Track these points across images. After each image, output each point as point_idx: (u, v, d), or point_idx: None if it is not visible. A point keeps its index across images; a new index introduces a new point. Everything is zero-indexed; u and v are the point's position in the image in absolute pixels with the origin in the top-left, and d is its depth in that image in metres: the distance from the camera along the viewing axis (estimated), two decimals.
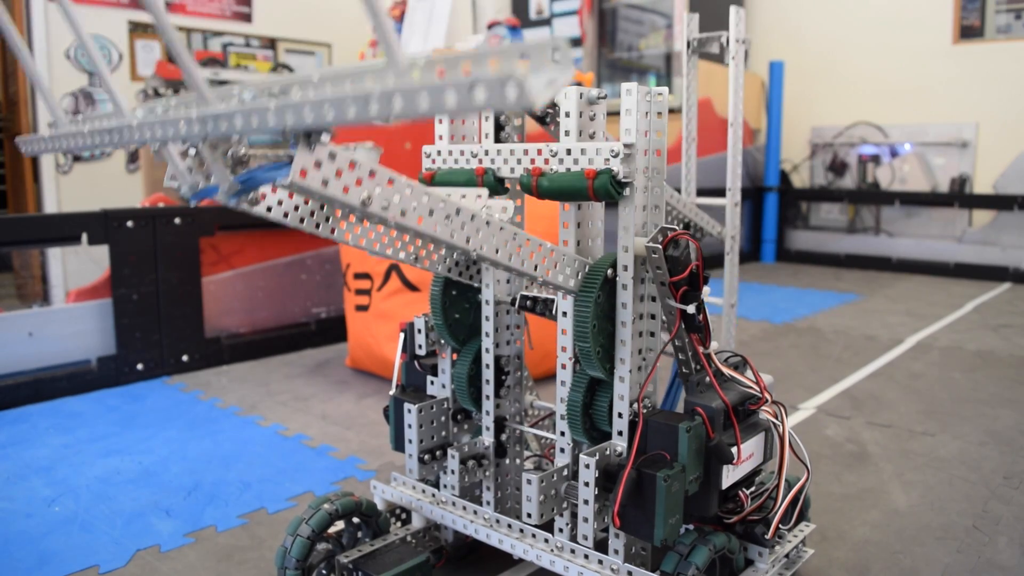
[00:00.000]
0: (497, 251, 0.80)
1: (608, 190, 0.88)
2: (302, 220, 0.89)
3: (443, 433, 1.13)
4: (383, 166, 0.68)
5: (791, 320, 2.97)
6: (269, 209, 0.85)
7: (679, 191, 1.50)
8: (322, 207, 0.91)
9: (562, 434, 1.00)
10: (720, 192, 1.68)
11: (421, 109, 0.46)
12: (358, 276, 2.17)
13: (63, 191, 4.62)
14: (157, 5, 0.54)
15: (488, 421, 1.10)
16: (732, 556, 0.97)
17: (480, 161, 1.02)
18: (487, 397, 1.09)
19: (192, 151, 0.67)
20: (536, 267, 0.86)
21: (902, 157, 4.40)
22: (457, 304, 1.11)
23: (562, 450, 1.01)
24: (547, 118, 1.01)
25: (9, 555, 1.22)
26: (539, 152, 0.95)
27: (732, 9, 1.53)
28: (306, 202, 0.89)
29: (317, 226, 0.90)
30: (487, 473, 1.10)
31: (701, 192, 1.79)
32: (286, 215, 0.87)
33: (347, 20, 5.73)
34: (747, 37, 1.53)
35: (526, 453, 1.17)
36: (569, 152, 0.92)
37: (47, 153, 1.22)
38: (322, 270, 2.69)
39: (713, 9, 4.46)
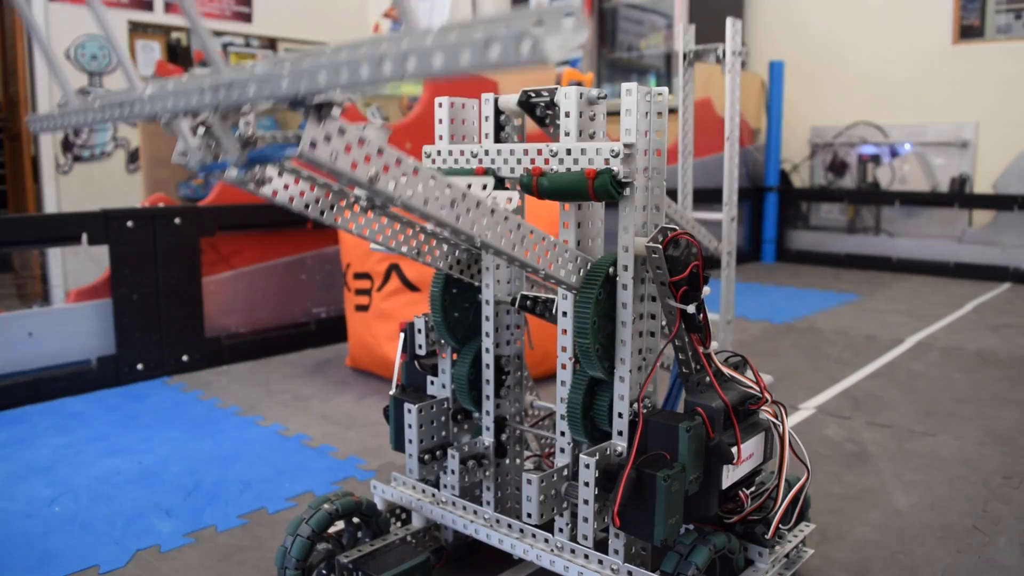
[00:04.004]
0: (501, 240, 0.79)
1: (608, 190, 0.88)
2: (307, 206, 0.90)
3: (443, 433, 1.13)
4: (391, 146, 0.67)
5: (791, 320, 2.97)
6: (275, 193, 0.85)
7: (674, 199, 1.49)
8: (327, 195, 0.91)
9: (562, 434, 1.00)
10: (720, 194, 1.68)
11: (435, 68, 0.45)
12: (358, 276, 2.17)
13: (63, 191, 4.62)
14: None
15: (488, 421, 1.10)
16: (732, 556, 0.97)
17: (480, 161, 1.02)
18: (487, 397, 1.09)
19: (202, 129, 0.66)
20: (539, 259, 0.85)
21: (902, 157, 4.40)
22: (457, 304, 1.11)
23: (562, 450, 1.01)
24: (546, 119, 1.01)
25: (9, 555, 1.22)
26: (539, 152, 0.95)
27: (728, 21, 1.51)
28: (312, 188, 0.90)
29: (322, 212, 0.91)
30: (487, 473, 1.10)
31: (700, 192, 1.78)
32: (291, 200, 0.88)
33: (347, 20, 5.73)
34: (744, 48, 1.52)
35: (526, 453, 1.17)
36: (569, 152, 0.92)
37: (57, 131, 1.21)
38: (322, 270, 2.69)
39: (713, 11, 4.46)
